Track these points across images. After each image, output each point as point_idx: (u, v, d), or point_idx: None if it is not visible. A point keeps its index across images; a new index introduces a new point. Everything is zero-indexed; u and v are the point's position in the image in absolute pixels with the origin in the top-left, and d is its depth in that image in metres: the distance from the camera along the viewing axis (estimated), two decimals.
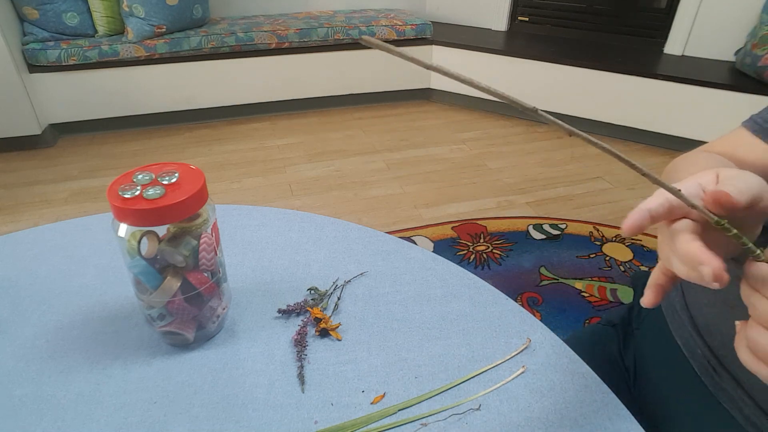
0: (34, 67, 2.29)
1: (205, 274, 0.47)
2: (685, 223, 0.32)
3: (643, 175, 0.27)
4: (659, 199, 0.32)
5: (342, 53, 2.71)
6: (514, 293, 1.53)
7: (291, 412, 0.44)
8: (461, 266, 0.62)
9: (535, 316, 0.54)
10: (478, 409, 0.45)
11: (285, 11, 2.95)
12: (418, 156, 2.36)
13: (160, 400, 0.45)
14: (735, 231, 0.30)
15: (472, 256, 1.69)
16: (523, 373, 0.48)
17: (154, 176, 0.44)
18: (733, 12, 2.42)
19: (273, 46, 2.59)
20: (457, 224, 1.87)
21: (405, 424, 0.43)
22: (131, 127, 2.60)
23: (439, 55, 2.82)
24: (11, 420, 0.43)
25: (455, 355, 0.50)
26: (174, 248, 0.45)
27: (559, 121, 0.25)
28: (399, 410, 0.44)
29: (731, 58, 2.49)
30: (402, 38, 2.76)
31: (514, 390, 0.47)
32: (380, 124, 2.71)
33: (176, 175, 0.44)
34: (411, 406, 0.45)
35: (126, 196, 0.41)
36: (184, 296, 0.47)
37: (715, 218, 0.30)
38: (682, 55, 2.61)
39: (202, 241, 0.46)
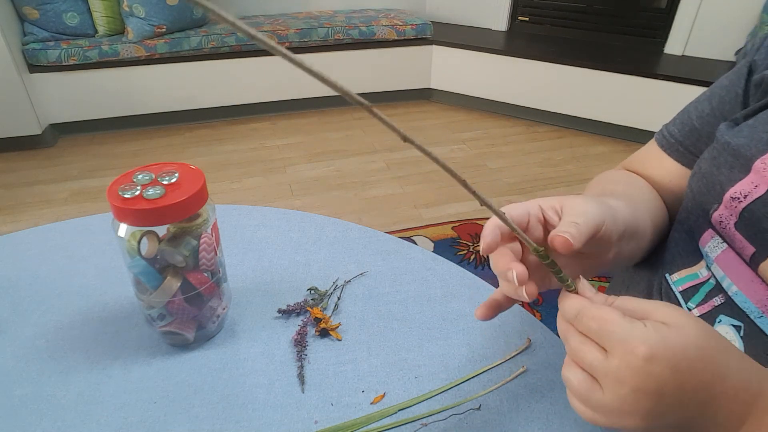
0: (34, 67, 2.29)
1: (205, 274, 0.47)
2: (501, 248, 0.35)
3: (472, 193, 0.27)
4: (493, 227, 0.34)
5: (342, 53, 2.71)
6: None
7: (291, 412, 0.44)
8: (461, 266, 0.62)
9: (535, 316, 0.54)
10: (478, 409, 0.45)
11: (285, 11, 2.95)
12: (418, 156, 2.36)
13: (160, 400, 0.45)
14: (550, 259, 0.32)
15: (472, 256, 1.69)
16: (523, 373, 0.48)
17: (154, 176, 0.44)
18: (733, 12, 2.42)
19: None
20: (457, 224, 1.87)
21: (405, 424, 0.43)
22: (131, 127, 2.60)
23: (439, 55, 2.82)
24: (11, 420, 0.43)
25: (455, 355, 0.50)
26: (174, 248, 0.45)
27: (395, 126, 0.25)
28: (399, 410, 0.44)
29: (731, 58, 2.49)
30: (402, 38, 2.76)
31: (514, 390, 0.47)
32: (380, 124, 2.68)
33: (176, 175, 0.44)
34: (411, 406, 0.45)
35: (126, 196, 0.41)
36: (184, 296, 0.47)
37: (534, 246, 0.31)
38: (683, 55, 2.61)
39: (202, 241, 0.46)
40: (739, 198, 0.39)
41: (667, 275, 0.46)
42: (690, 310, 0.42)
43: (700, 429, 0.29)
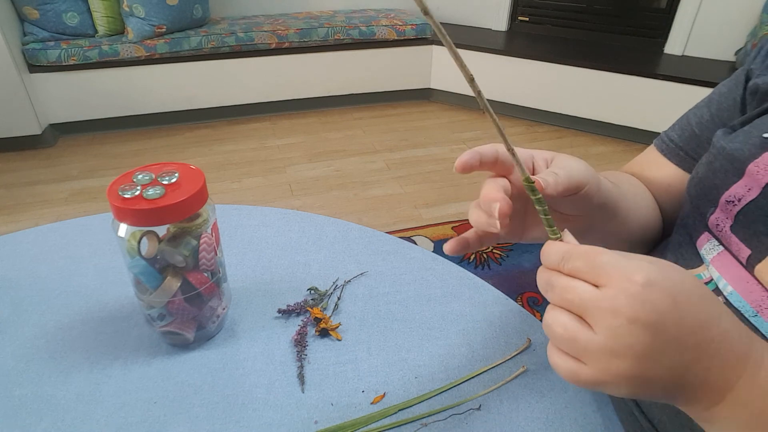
0: (34, 67, 2.29)
1: (205, 274, 0.47)
2: (499, 179, 0.36)
3: (500, 132, 0.29)
4: (491, 147, 0.36)
5: (342, 53, 2.71)
6: (514, 293, 1.53)
7: (291, 412, 0.44)
8: (461, 266, 0.62)
9: (535, 316, 0.54)
10: (478, 409, 0.45)
11: (285, 11, 2.95)
12: (418, 156, 2.36)
13: (160, 400, 0.45)
14: (540, 195, 0.32)
15: (472, 256, 1.69)
16: (523, 373, 0.48)
17: (154, 176, 0.44)
18: (733, 12, 2.42)
19: (273, 46, 2.59)
20: (457, 224, 1.87)
21: (405, 424, 0.43)
22: (131, 127, 2.60)
23: (439, 55, 2.82)
24: (11, 420, 0.43)
25: (455, 355, 0.50)
26: (174, 248, 0.45)
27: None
28: (399, 410, 0.44)
29: (732, 58, 2.49)
30: (402, 38, 2.76)
31: (514, 390, 0.47)
32: (380, 124, 2.71)
33: (176, 175, 0.44)
34: (411, 406, 0.45)
35: (126, 196, 0.41)
36: (184, 296, 0.47)
37: (527, 175, 0.31)
38: (683, 55, 2.61)
39: (202, 241, 0.46)
40: (733, 201, 0.39)
41: None
42: None
43: (693, 383, 0.26)
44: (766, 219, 0.37)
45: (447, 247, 0.40)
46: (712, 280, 0.42)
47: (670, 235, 0.50)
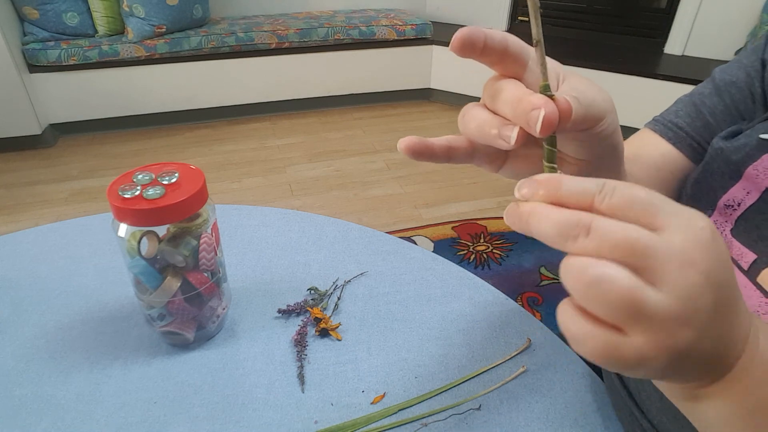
0: (34, 67, 2.29)
1: (205, 274, 0.47)
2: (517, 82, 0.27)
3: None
4: (501, 34, 0.26)
5: (342, 53, 2.71)
6: (514, 293, 1.53)
7: (291, 412, 0.44)
8: (461, 266, 0.62)
9: (535, 316, 0.54)
10: (478, 409, 0.45)
11: (285, 11, 2.95)
12: None
13: (160, 400, 0.45)
14: (553, 94, 0.25)
15: (472, 256, 1.69)
16: (523, 373, 0.48)
17: (154, 176, 0.44)
18: (733, 12, 2.42)
19: (273, 46, 2.59)
20: (457, 224, 1.87)
21: (405, 424, 0.43)
22: (131, 127, 2.60)
23: (439, 55, 2.82)
24: (11, 420, 0.43)
25: (455, 355, 0.50)
26: (174, 248, 0.45)
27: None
28: (399, 410, 0.44)
29: (731, 57, 2.48)
30: (402, 38, 2.76)
31: (514, 390, 0.47)
32: (380, 124, 2.71)
33: (176, 175, 0.44)
34: (411, 406, 0.45)
35: (126, 196, 0.41)
36: (184, 296, 0.47)
37: (547, 83, 0.25)
38: (683, 55, 2.61)
39: (202, 241, 0.46)
40: (732, 206, 0.38)
41: None
42: None
43: (718, 355, 0.22)
44: None
45: (404, 142, 0.31)
46: None
47: None
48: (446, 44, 2.77)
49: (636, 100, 2.43)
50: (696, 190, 0.43)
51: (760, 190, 0.37)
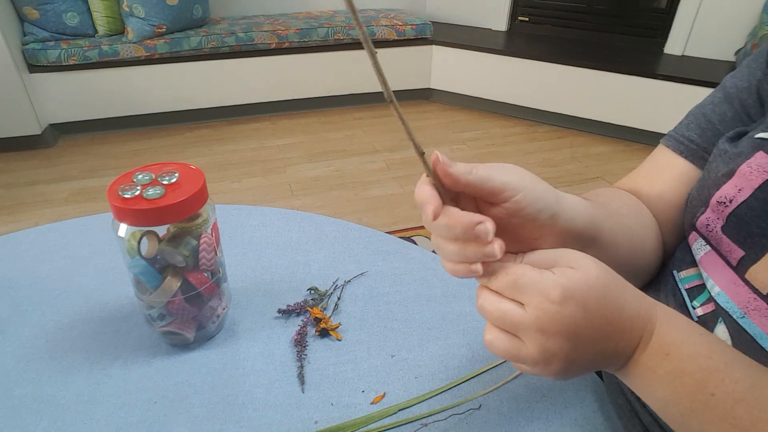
0: (34, 67, 2.29)
1: (205, 274, 0.47)
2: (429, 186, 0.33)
3: (420, 152, 0.30)
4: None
5: (342, 53, 2.71)
6: None
7: (291, 412, 0.44)
8: None
9: None
10: (478, 409, 0.45)
11: (285, 11, 2.95)
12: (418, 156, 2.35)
13: (160, 400, 0.45)
14: (425, 151, 0.31)
15: None
16: (523, 373, 0.48)
17: (154, 176, 0.44)
18: (733, 12, 2.42)
19: (273, 46, 2.59)
20: None
21: (405, 424, 0.43)
22: (131, 127, 2.60)
23: (439, 55, 2.82)
24: (11, 420, 0.43)
25: (455, 355, 0.50)
26: (174, 248, 0.45)
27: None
28: (399, 410, 0.44)
29: (731, 58, 2.49)
30: (402, 38, 2.76)
31: (514, 390, 0.47)
32: (380, 124, 2.71)
33: (176, 175, 0.44)
34: (411, 406, 0.45)
35: (126, 196, 0.41)
36: (184, 296, 0.47)
37: (420, 149, 0.31)
38: (682, 55, 2.61)
39: (202, 241, 0.46)
40: (724, 202, 0.39)
41: (675, 272, 0.46)
42: (694, 309, 0.42)
43: (609, 360, 0.32)
44: (760, 220, 0.36)
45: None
46: (703, 283, 0.41)
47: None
48: (446, 44, 2.78)
49: (636, 100, 2.43)
50: (695, 188, 0.43)
51: (752, 188, 0.37)
